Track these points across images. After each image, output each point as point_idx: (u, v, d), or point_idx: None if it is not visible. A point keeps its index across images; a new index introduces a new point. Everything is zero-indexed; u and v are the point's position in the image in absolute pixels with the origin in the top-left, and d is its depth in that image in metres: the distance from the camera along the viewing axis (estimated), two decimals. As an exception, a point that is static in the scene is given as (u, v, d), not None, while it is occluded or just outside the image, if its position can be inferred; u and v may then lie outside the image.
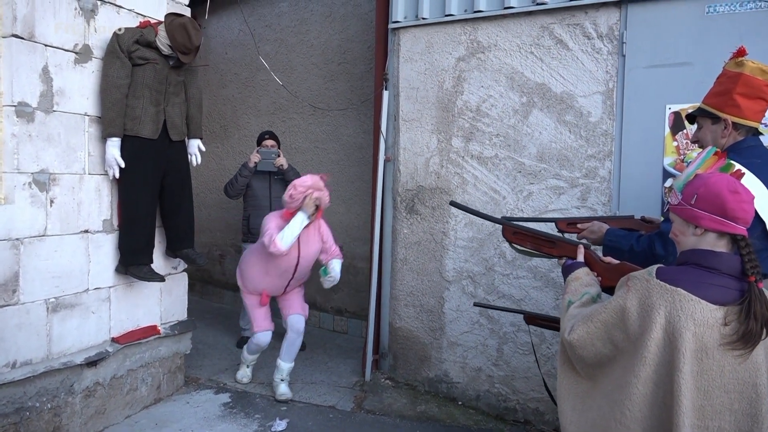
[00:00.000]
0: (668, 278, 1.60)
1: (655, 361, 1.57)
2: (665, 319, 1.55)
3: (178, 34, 3.40)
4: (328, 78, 5.64)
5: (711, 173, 1.74)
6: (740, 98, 2.14)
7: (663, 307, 1.56)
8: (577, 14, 3.53)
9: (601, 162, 3.49)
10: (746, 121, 2.16)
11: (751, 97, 2.14)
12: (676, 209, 1.74)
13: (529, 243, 2.30)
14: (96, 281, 3.47)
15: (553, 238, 2.24)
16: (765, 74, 2.13)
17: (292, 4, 5.88)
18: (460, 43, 3.95)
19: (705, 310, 1.53)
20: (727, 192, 1.61)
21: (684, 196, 1.71)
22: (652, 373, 1.57)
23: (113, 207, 3.57)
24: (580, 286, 1.98)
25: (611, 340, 1.68)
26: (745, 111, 2.15)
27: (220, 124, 6.68)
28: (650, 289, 1.60)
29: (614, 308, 1.67)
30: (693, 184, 1.70)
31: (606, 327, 1.69)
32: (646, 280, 1.63)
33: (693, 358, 1.52)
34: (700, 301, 1.54)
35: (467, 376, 3.99)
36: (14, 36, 2.97)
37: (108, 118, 3.36)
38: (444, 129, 4.02)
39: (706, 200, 1.63)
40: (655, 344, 1.56)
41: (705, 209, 1.63)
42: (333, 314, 5.79)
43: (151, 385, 3.86)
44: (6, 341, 2.97)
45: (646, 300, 1.59)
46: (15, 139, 3.00)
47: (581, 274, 2.04)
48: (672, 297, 1.56)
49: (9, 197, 3.00)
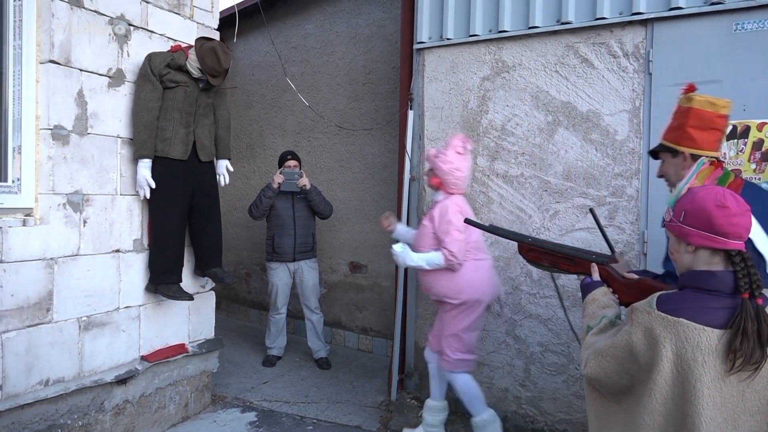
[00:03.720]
0: (669, 309, 1.52)
1: (663, 395, 1.51)
2: (672, 353, 1.49)
3: (208, 58, 3.48)
4: (353, 98, 5.71)
5: (702, 187, 1.68)
6: (693, 131, 2.23)
7: (668, 340, 1.49)
8: (603, 33, 3.53)
9: (629, 180, 3.47)
10: (702, 152, 2.23)
11: (704, 129, 2.23)
12: (668, 226, 1.69)
13: (546, 259, 2.27)
14: (126, 300, 3.53)
15: (569, 254, 2.19)
16: (714, 106, 2.22)
17: (317, 26, 5.98)
18: (485, 63, 3.97)
19: (711, 338, 1.46)
20: (713, 207, 1.54)
21: (675, 212, 1.66)
22: (660, 406, 1.51)
23: (143, 227, 3.64)
24: (598, 308, 1.93)
25: (626, 372, 1.63)
26: (700, 142, 2.22)
27: (247, 144, 6.78)
28: (652, 321, 1.53)
29: (622, 345, 1.61)
30: (682, 200, 1.65)
31: (618, 362, 1.64)
32: (647, 313, 1.55)
33: (713, 389, 1.45)
34: (704, 329, 1.46)
35: (494, 396, 3.95)
36: (51, 62, 3.07)
37: (140, 139, 3.44)
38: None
39: (694, 216, 1.58)
40: (663, 378, 1.50)
41: (693, 225, 1.58)
42: (358, 333, 5.79)
43: (179, 403, 3.90)
44: (40, 359, 3.03)
45: (651, 333, 1.53)
46: (51, 161, 3.09)
47: (598, 295, 1.98)
48: (676, 329, 1.48)
49: (44, 218, 3.08)
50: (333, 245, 5.93)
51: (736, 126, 3.12)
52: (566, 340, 3.65)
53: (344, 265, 5.87)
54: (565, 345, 3.66)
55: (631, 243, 3.45)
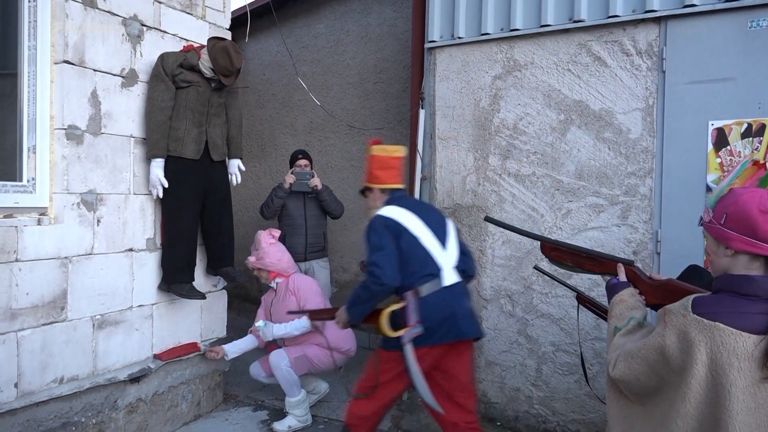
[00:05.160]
0: (705, 312, 1.49)
1: (697, 399, 1.48)
2: (707, 357, 1.45)
3: (220, 58, 3.50)
4: (364, 97, 5.71)
5: (745, 189, 1.60)
6: (377, 171, 3.01)
7: (703, 343, 1.46)
8: (616, 31, 3.51)
9: (642, 179, 3.44)
10: (388, 185, 3.00)
11: (384, 168, 3.00)
12: (707, 227, 1.63)
13: (569, 259, 2.26)
14: (139, 299, 3.55)
15: (594, 254, 2.19)
16: (386, 151, 3.02)
17: (328, 25, 5.99)
18: (497, 62, 3.96)
19: (747, 343, 1.42)
20: (757, 212, 1.49)
21: (715, 213, 1.59)
22: (693, 410, 1.48)
23: (156, 226, 3.66)
24: (625, 309, 1.89)
25: (656, 374, 1.60)
26: (383, 178, 3.00)
27: (258, 144, 6.80)
28: (687, 324, 1.49)
29: (654, 347, 1.58)
30: (724, 202, 1.58)
31: (648, 364, 1.60)
32: (682, 315, 1.52)
33: (747, 395, 1.42)
34: (741, 334, 1.43)
35: (506, 396, 3.94)
36: (65, 62, 3.09)
37: (152, 139, 3.46)
38: (481, 147, 4.02)
39: (736, 220, 1.52)
40: (697, 382, 1.47)
41: (735, 230, 1.52)
42: (369, 332, 5.79)
43: (191, 401, 3.92)
44: (54, 357, 3.06)
45: (685, 336, 1.50)
46: (65, 160, 3.11)
47: (625, 296, 1.94)
48: (711, 333, 1.45)
49: (59, 217, 3.10)
50: (344, 245, 5.94)
51: (751, 124, 3.09)
52: (579, 340, 3.63)
53: (355, 264, 5.87)
54: (577, 345, 3.64)
55: (644, 242, 3.43)
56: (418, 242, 2.77)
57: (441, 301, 2.71)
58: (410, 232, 2.77)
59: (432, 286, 2.72)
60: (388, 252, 2.69)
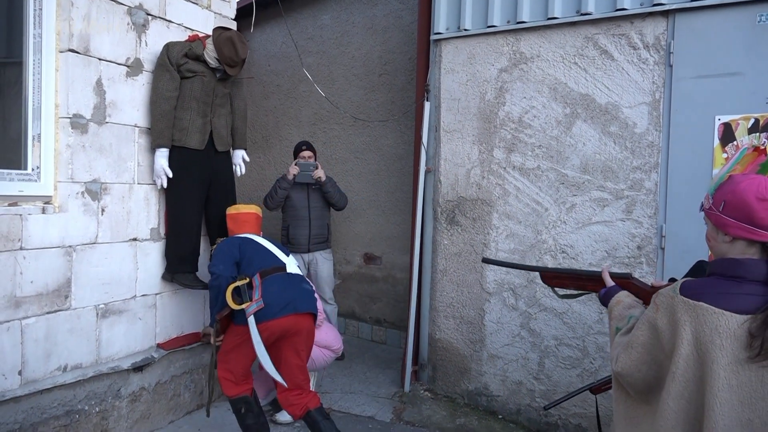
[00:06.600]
0: (691, 293, 1.54)
1: (685, 377, 1.52)
2: (692, 335, 1.50)
3: (226, 48, 3.49)
4: (369, 89, 5.69)
5: (744, 176, 1.63)
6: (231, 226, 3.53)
7: (688, 323, 1.51)
8: (623, 24, 3.49)
9: (647, 174, 3.43)
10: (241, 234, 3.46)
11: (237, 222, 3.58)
12: (707, 213, 1.67)
13: (571, 284, 2.28)
14: (143, 288, 3.56)
15: (594, 275, 2.20)
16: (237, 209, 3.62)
17: (334, 16, 5.96)
18: (503, 54, 3.94)
19: (730, 322, 1.46)
20: (754, 200, 1.52)
21: (714, 200, 1.63)
22: (682, 389, 1.52)
23: (160, 216, 3.66)
24: (624, 309, 1.92)
25: (655, 361, 1.63)
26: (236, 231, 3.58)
27: (262, 135, 6.79)
28: (675, 305, 1.55)
29: (648, 328, 1.63)
30: (723, 189, 1.61)
31: (646, 349, 1.64)
32: (670, 297, 1.57)
33: (729, 372, 1.46)
34: (723, 313, 1.47)
35: (507, 389, 3.94)
36: (71, 51, 3.09)
37: (157, 129, 3.46)
38: (485, 140, 4.01)
39: (734, 207, 1.55)
40: (684, 360, 1.51)
41: (733, 216, 1.55)
42: (372, 324, 5.81)
43: (194, 391, 3.93)
44: (58, 345, 3.07)
45: (672, 316, 1.55)
46: (69, 149, 3.11)
47: (622, 297, 1.98)
48: (695, 312, 1.50)
49: (63, 206, 3.11)
50: (347, 236, 5.94)
51: (758, 119, 3.07)
52: (581, 334, 3.64)
53: (359, 256, 5.88)
54: (580, 339, 3.64)
55: (648, 237, 3.42)
56: (263, 247, 3.37)
57: (282, 282, 3.19)
58: (256, 242, 3.40)
59: (276, 271, 3.24)
60: (226, 257, 3.23)
